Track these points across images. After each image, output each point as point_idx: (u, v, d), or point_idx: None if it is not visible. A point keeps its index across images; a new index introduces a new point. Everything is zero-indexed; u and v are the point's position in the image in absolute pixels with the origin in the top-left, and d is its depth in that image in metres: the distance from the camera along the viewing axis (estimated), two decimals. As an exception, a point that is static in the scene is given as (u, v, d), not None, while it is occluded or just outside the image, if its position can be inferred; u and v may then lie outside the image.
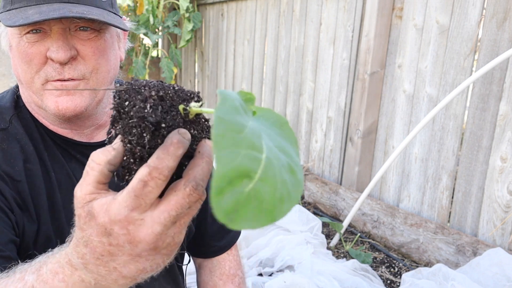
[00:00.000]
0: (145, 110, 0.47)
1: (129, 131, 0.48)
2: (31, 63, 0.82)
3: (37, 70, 0.83)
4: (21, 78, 0.85)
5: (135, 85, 0.50)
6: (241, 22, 3.88)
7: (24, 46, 0.82)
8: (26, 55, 0.82)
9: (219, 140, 0.36)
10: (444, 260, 2.13)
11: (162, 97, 0.48)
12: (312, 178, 3.05)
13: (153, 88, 0.49)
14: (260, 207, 0.36)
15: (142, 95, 0.48)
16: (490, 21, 1.98)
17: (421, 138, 2.34)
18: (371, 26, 2.53)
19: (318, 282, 1.90)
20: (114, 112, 0.50)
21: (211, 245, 1.15)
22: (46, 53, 0.82)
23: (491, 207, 2.01)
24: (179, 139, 0.46)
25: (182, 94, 0.49)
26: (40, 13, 0.77)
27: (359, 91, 2.66)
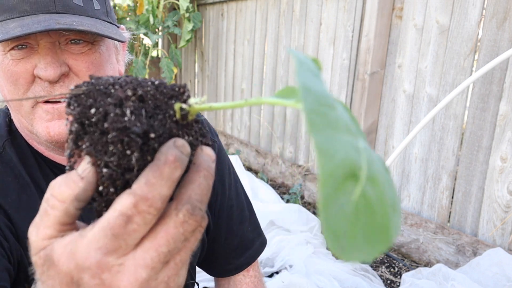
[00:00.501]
0: (125, 118, 0.35)
1: (103, 149, 0.36)
2: (17, 83, 0.73)
3: (24, 90, 0.74)
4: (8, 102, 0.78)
5: (98, 84, 0.38)
6: (241, 22, 3.88)
7: (9, 64, 0.73)
8: (11, 74, 0.73)
9: (313, 118, 0.25)
10: (444, 260, 2.13)
11: (142, 97, 0.37)
12: (312, 178, 3.05)
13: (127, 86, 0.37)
14: (372, 223, 0.25)
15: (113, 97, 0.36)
16: (490, 21, 1.98)
17: (421, 138, 2.34)
18: (371, 26, 2.53)
19: (318, 282, 1.90)
20: (75, 125, 0.37)
21: (228, 263, 1.05)
22: (33, 71, 0.73)
23: (491, 207, 2.01)
24: (176, 156, 0.35)
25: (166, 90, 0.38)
26: (22, 27, 0.68)
27: (359, 91, 2.66)
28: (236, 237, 1.05)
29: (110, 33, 0.74)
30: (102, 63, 0.79)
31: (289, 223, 2.43)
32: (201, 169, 0.37)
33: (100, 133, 0.36)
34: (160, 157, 0.35)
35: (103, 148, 0.36)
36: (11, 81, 0.73)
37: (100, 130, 0.36)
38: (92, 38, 0.76)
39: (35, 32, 0.66)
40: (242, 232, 1.05)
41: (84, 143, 0.37)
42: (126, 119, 0.35)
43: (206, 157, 0.38)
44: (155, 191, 0.34)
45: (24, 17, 0.71)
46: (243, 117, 4.00)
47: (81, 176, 0.36)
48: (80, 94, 0.38)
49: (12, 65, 0.73)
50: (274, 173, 3.51)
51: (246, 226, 1.07)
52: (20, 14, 0.71)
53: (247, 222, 1.07)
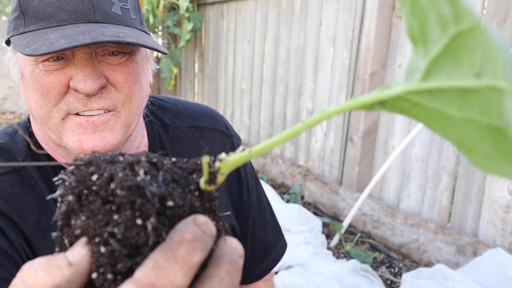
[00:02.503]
0: (138, 178, 0.29)
1: (105, 219, 0.28)
2: (48, 94, 0.69)
3: (55, 102, 0.70)
4: (34, 112, 0.72)
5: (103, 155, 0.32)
6: (241, 22, 3.88)
7: (40, 75, 0.69)
8: (42, 85, 0.69)
9: None
10: (444, 260, 2.13)
11: (156, 165, 0.31)
12: (312, 178, 3.05)
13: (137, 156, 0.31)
14: None
15: (122, 162, 0.30)
16: (491, 21, 1.98)
17: (421, 138, 2.34)
18: (371, 26, 2.53)
19: (318, 283, 1.90)
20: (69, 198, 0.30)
21: (251, 270, 1.02)
22: (68, 83, 0.69)
23: (492, 208, 2.01)
24: (196, 234, 0.28)
25: (185, 165, 0.32)
26: (66, 38, 0.64)
27: (359, 91, 2.66)
28: (259, 243, 1.03)
29: (155, 45, 0.71)
30: (139, 73, 0.76)
31: (289, 223, 2.43)
32: (223, 262, 0.29)
33: (101, 203, 0.29)
34: (174, 235, 0.28)
35: (105, 218, 0.28)
36: (41, 92, 0.69)
37: (103, 198, 0.29)
38: (129, 49, 0.73)
39: (83, 44, 0.62)
40: (264, 236, 1.03)
41: (78, 218, 0.30)
42: (139, 179, 0.29)
43: (230, 249, 0.31)
44: (166, 278, 0.26)
45: (63, 27, 0.66)
46: (243, 116, 4.00)
47: (70, 261, 0.28)
48: (80, 165, 0.31)
49: (44, 76, 0.69)
50: (274, 173, 3.50)
51: (268, 230, 1.04)
52: (58, 23, 0.67)
53: (269, 226, 1.05)
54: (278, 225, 1.09)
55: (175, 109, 0.95)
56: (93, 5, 0.68)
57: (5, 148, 0.77)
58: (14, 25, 0.69)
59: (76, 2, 0.67)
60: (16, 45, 0.66)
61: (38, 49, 0.62)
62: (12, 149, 0.76)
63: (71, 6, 0.66)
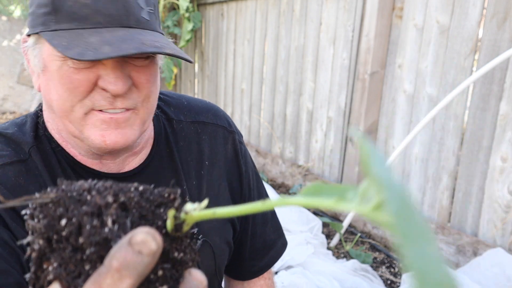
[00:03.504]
0: (105, 229, 0.29)
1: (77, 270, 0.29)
2: (75, 90, 0.71)
3: (81, 98, 0.72)
4: (55, 105, 0.73)
5: (70, 191, 0.31)
6: (241, 22, 3.88)
7: (69, 72, 0.70)
8: (70, 81, 0.70)
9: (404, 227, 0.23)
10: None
11: (125, 205, 0.31)
12: (312, 178, 3.05)
13: (106, 192, 0.31)
14: None
15: (90, 204, 0.30)
16: (491, 21, 1.98)
17: (421, 138, 2.34)
18: (371, 26, 2.53)
19: (318, 283, 1.90)
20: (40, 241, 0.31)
21: (251, 266, 1.04)
22: (96, 81, 0.71)
23: (492, 207, 2.01)
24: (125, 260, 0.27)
25: (152, 196, 0.32)
26: (110, 45, 0.65)
27: (359, 91, 2.66)
28: (259, 239, 1.04)
29: (183, 54, 0.74)
30: (157, 74, 0.79)
31: (289, 223, 2.43)
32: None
33: (72, 250, 0.29)
34: (105, 262, 0.27)
35: (77, 269, 0.29)
36: (67, 88, 0.71)
37: (73, 246, 0.29)
38: None
39: (129, 55, 0.64)
40: (265, 233, 1.04)
41: (50, 264, 0.30)
42: (107, 230, 0.29)
43: (195, 282, 0.31)
44: None
45: (97, 29, 0.68)
46: (243, 116, 4.00)
47: None
48: (48, 202, 0.31)
49: (73, 73, 0.70)
50: (274, 173, 3.50)
51: (268, 227, 1.06)
52: (93, 25, 0.68)
53: (269, 223, 1.06)
54: (279, 223, 1.10)
55: (179, 104, 0.96)
56: (126, 10, 0.70)
57: (13, 138, 0.78)
58: (43, 20, 0.69)
59: (111, 6, 0.69)
60: (54, 44, 0.66)
61: (83, 55, 0.63)
62: (19, 139, 0.78)
63: (107, 10, 0.68)
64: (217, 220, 0.92)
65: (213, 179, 0.93)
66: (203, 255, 0.88)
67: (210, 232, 0.90)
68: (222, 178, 0.95)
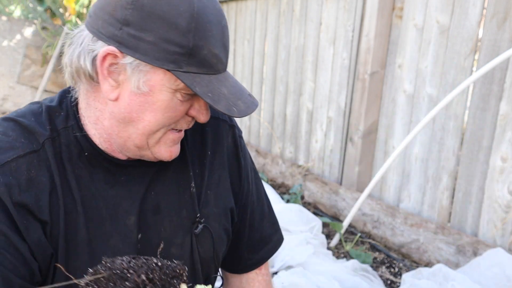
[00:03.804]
0: None
1: None
2: (174, 118, 0.81)
3: (173, 122, 0.82)
4: (144, 125, 0.80)
5: (115, 269, 0.44)
6: (241, 22, 3.88)
7: (177, 104, 0.79)
8: (174, 110, 0.80)
9: None
10: (444, 260, 2.13)
11: (153, 280, 0.44)
12: (312, 178, 3.05)
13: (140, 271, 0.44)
14: None
15: (130, 281, 0.43)
16: (491, 21, 1.98)
17: (421, 138, 2.34)
18: (371, 26, 2.53)
19: (318, 283, 1.90)
20: None
21: (247, 258, 1.07)
22: (189, 110, 0.82)
23: (492, 207, 2.01)
24: None
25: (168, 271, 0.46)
26: (240, 99, 0.79)
27: (359, 91, 2.66)
28: (257, 233, 1.07)
29: None
30: None
31: (289, 223, 2.43)
32: None
33: None
34: None
35: None
36: (169, 116, 0.80)
37: None
38: None
39: (246, 115, 0.79)
40: (261, 227, 1.08)
41: None
42: None
43: None
44: None
45: (218, 75, 0.79)
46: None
47: None
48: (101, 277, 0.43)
49: (178, 104, 0.80)
50: (274, 173, 3.50)
51: (265, 222, 1.10)
52: (215, 72, 0.79)
53: (266, 218, 1.11)
54: (276, 219, 1.13)
55: None
56: (227, 57, 0.82)
57: (29, 128, 0.82)
58: (174, 58, 0.74)
59: (225, 55, 0.81)
60: (199, 93, 0.75)
61: (231, 111, 0.77)
62: (34, 130, 0.82)
63: (224, 59, 0.80)
64: (217, 207, 0.97)
65: (215, 168, 0.98)
66: (202, 239, 0.92)
67: (210, 218, 0.94)
68: (223, 168, 0.99)
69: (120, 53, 0.75)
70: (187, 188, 0.92)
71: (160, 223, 0.89)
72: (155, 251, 0.85)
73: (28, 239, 0.76)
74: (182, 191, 0.92)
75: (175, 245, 0.90)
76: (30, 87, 5.59)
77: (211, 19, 0.76)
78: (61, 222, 0.80)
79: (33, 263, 0.77)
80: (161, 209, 0.89)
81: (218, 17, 0.78)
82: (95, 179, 0.84)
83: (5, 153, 0.78)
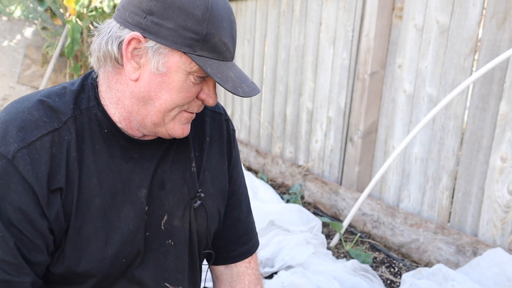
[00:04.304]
0: None
1: None
2: (187, 98, 0.90)
3: (186, 103, 0.90)
4: (161, 103, 0.88)
5: None
6: (241, 22, 3.88)
7: (190, 85, 0.88)
8: (187, 91, 0.89)
9: None
10: (444, 260, 2.13)
11: None
12: (312, 178, 3.05)
13: None
14: None
15: None
16: (490, 21, 1.98)
17: (421, 138, 2.34)
18: (371, 26, 2.53)
19: (318, 282, 1.90)
20: None
21: (232, 250, 1.15)
22: (199, 94, 0.91)
23: (491, 207, 2.01)
24: None
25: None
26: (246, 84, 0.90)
27: (359, 91, 2.66)
28: (242, 225, 1.16)
29: None
30: None
31: (289, 223, 2.43)
32: None
33: None
34: None
35: None
36: (182, 96, 0.89)
37: None
38: None
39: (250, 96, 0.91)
40: (248, 221, 1.18)
41: None
42: None
43: None
44: None
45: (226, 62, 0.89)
46: (243, 117, 4.00)
47: None
48: None
49: (191, 86, 0.89)
50: (274, 173, 3.50)
51: (251, 217, 1.20)
52: (223, 59, 0.88)
53: (251, 214, 1.20)
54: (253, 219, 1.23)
55: None
56: (235, 48, 0.92)
57: (54, 107, 0.90)
58: (190, 43, 0.84)
59: (233, 46, 0.90)
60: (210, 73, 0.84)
61: (236, 90, 0.87)
62: (59, 109, 0.90)
63: (232, 49, 0.90)
64: (214, 188, 1.07)
65: (212, 153, 1.08)
66: (198, 214, 1.03)
67: (206, 197, 1.04)
68: (220, 155, 1.10)
69: (143, 38, 0.85)
70: (188, 168, 1.02)
71: (164, 197, 0.98)
72: (159, 223, 0.97)
73: (48, 215, 0.85)
74: (184, 170, 1.01)
75: (177, 217, 1.00)
76: (30, 87, 5.60)
77: (222, 13, 0.87)
78: (76, 191, 0.88)
79: (49, 238, 0.86)
80: (165, 185, 0.98)
81: (228, 12, 0.89)
82: (112, 154, 0.93)
83: (31, 132, 0.85)
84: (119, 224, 0.92)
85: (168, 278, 1.00)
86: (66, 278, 0.91)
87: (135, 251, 0.94)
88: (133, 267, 0.95)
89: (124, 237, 0.92)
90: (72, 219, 0.88)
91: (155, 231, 0.97)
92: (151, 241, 0.97)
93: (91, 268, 0.90)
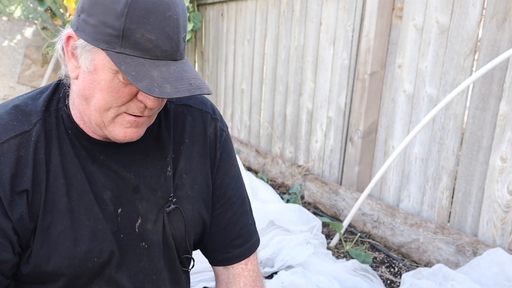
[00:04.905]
0: None
1: None
2: (119, 99, 0.85)
3: (120, 105, 0.86)
4: (95, 102, 0.86)
5: None
6: (241, 22, 3.88)
7: (118, 85, 0.84)
8: (117, 91, 0.84)
9: None
10: (444, 260, 2.13)
11: None
12: (312, 178, 3.05)
13: None
14: None
15: None
16: (490, 21, 1.98)
17: (421, 138, 2.34)
18: (371, 26, 2.53)
19: (318, 282, 1.90)
20: None
21: (226, 251, 1.11)
22: (137, 94, 0.85)
23: (491, 207, 2.01)
24: None
25: None
26: (169, 83, 0.80)
27: (359, 91, 2.66)
28: (235, 227, 1.11)
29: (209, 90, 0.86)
30: None
31: (289, 223, 2.43)
32: None
33: None
34: None
35: None
36: (113, 96, 0.84)
37: None
38: None
39: (184, 96, 0.80)
40: (242, 223, 1.13)
41: None
42: None
43: None
44: None
45: (155, 61, 0.81)
46: (243, 117, 4.00)
47: None
48: None
49: (121, 86, 0.84)
50: (274, 173, 3.51)
51: (247, 219, 1.14)
52: (151, 57, 0.81)
53: (248, 216, 1.15)
54: (254, 221, 1.18)
55: None
56: (177, 47, 0.84)
57: (26, 111, 0.91)
58: (109, 39, 0.80)
59: (168, 43, 0.82)
60: (123, 71, 0.79)
61: (151, 90, 0.78)
62: (30, 111, 0.91)
63: (164, 46, 0.82)
64: (193, 191, 1.04)
65: (193, 155, 1.05)
66: (174, 218, 1.01)
67: (184, 200, 1.02)
68: (202, 156, 1.06)
69: (76, 36, 0.84)
70: (163, 172, 1.00)
71: (138, 201, 0.98)
72: (133, 225, 0.97)
73: (11, 216, 0.85)
74: (159, 174, 1.00)
75: (150, 221, 0.99)
76: (30, 87, 5.59)
77: (149, 8, 0.80)
78: (43, 191, 0.88)
79: (12, 238, 0.86)
80: (139, 189, 0.98)
81: (162, 8, 0.81)
82: (78, 156, 0.93)
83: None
84: (88, 223, 0.92)
85: (143, 279, 1.00)
86: (36, 277, 0.92)
87: (107, 250, 0.94)
88: (111, 269, 0.96)
89: (93, 235, 0.92)
90: (39, 219, 0.88)
91: (129, 233, 0.97)
92: (126, 243, 0.97)
93: (61, 266, 0.91)
